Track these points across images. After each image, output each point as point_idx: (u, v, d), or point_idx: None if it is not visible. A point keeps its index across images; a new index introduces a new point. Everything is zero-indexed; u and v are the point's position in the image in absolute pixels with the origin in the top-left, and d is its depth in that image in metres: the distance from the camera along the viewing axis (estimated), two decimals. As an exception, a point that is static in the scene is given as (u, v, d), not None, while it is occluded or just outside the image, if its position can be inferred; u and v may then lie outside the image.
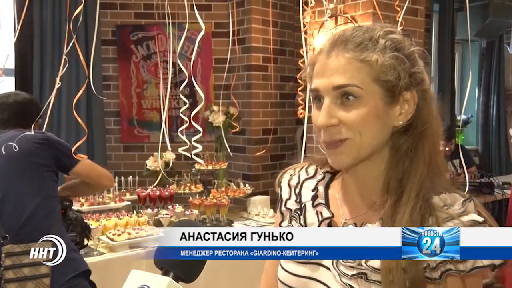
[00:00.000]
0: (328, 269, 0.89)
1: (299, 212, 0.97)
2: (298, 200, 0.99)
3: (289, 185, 1.02)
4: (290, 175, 1.04)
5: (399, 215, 0.84)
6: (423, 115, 0.88)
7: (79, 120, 2.04)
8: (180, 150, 2.60)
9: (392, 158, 0.89)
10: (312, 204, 0.96)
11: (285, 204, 1.00)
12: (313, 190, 0.98)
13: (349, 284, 0.86)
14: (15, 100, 2.19)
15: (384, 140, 0.88)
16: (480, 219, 0.83)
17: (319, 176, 1.00)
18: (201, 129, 2.62)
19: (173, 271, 0.76)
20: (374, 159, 0.89)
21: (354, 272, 0.85)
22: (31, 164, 2.05)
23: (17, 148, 2.01)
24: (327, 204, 0.96)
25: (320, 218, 0.94)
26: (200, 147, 2.84)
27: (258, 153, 3.73)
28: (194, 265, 0.78)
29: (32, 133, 2.07)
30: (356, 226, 0.89)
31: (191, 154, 2.43)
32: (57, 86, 2.27)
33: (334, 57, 0.86)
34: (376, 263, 0.83)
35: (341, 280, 0.87)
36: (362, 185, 0.92)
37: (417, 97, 0.87)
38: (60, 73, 2.19)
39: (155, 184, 3.11)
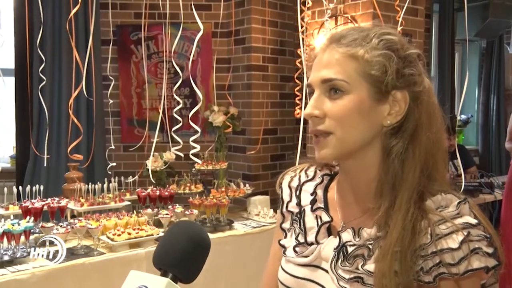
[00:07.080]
0: (326, 271, 0.90)
1: (299, 216, 0.98)
2: (298, 203, 1.00)
3: (289, 186, 1.03)
4: (291, 176, 1.04)
5: (392, 222, 0.84)
6: (414, 117, 0.87)
7: (75, 120, 2.02)
8: (173, 150, 2.58)
9: (383, 162, 0.88)
10: (311, 208, 0.97)
11: (287, 207, 1.02)
12: (312, 194, 0.99)
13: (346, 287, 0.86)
14: None
15: (370, 138, 0.87)
16: (474, 221, 0.83)
17: (317, 179, 1.01)
18: (199, 129, 2.59)
19: (172, 272, 0.75)
20: (365, 162, 0.89)
21: (351, 275, 0.86)
22: None
23: None
24: (326, 208, 0.96)
25: (320, 222, 0.94)
26: (198, 147, 2.83)
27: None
28: (193, 265, 0.77)
29: None
30: (353, 230, 0.89)
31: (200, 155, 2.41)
32: None
33: (328, 52, 0.89)
34: (371, 267, 0.84)
35: (338, 283, 0.87)
36: (356, 189, 0.92)
37: (408, 98, 0.87)
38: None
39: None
